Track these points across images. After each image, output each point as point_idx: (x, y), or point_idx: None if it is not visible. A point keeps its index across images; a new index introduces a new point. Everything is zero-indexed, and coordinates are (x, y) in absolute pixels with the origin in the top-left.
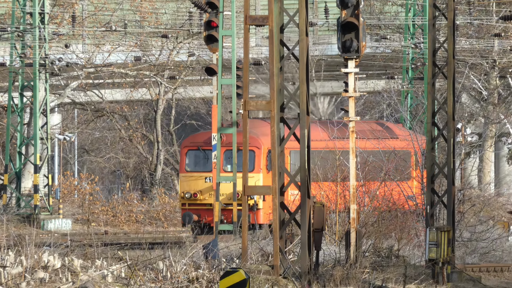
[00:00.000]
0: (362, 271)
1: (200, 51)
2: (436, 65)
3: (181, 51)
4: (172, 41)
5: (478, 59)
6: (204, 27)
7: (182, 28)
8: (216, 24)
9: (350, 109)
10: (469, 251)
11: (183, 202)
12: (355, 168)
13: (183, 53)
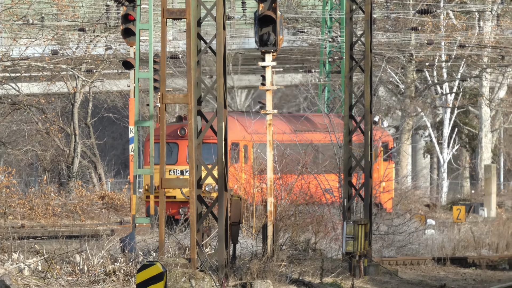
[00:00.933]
0: (279, 264)
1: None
2: (354, 58)
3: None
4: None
5: (395, 52)
6: (121, 21)
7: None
8: (133, 17)
9: (268, 102)
10: (386, 244)
11: (147, 194)
12: (272, 161)
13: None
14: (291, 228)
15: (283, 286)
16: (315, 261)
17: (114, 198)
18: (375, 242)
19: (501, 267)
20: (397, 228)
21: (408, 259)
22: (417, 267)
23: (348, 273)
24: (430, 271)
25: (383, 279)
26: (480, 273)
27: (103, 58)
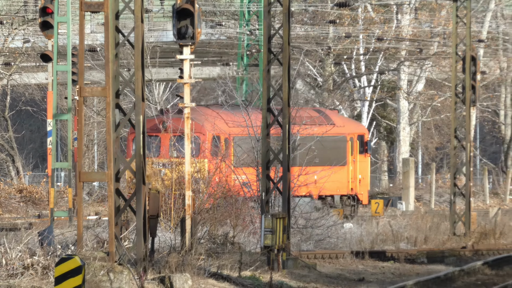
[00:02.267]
0: (198, 258)
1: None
2: (272, 51)
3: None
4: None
5: (313, 45)
6: (40, 14)
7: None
8: (51, 10)
9: (185, 96)
10: (304, 238)
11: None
12: (190, 154)
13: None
14: (209, 222)
15: (201, 280)
16: (234, 255)
17: (32, 191)
18: (293, 236)
19: (419, 261)
20: (315, 222)
21: (327, 252)
22: (336, 260)
23: (266, 266)
24: (348, 265)
25: (302, 272)
26: (398, 266)
27: (21, 51)
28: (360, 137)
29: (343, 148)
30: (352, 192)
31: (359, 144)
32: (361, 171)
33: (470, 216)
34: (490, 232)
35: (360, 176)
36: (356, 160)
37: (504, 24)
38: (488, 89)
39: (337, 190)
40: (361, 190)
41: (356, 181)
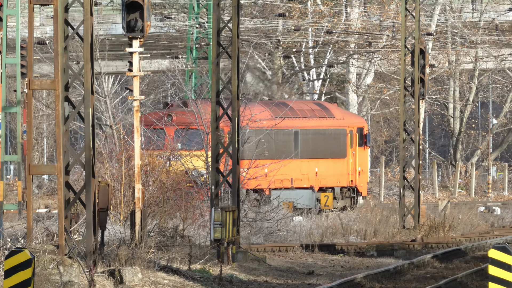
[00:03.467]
0: (147, 251)
1: None
2: (221, 44)
3: None
4: None
5: (262, 39)
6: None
7: None
8: (0, 3)
9: (135, 88)
10: (254, 231)
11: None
12: (139, 147)
13: None
14: (159, 215)
15: (151, 273)
16: (184, 248)
17: None
18: (243, 229)
19: (369, 254)
20: (265, 215)
21: (276, 246)
22: (286, 254)
23: (216, 259)
24: (298, 258)
25: (252, 265)
26: (348, 259)
27: None
28: (359, 130)
29: (343, 140)
30: (352, 184)
31: (358, 136)
32: (361, 163)
33: (419, 209)
34: (439, 225)
35: (360, 168)
36: (355, 153)
37: (453, 18)
38: (437, 82)
39: (337, 182)
40: (361, 182)
41: (356, 173)
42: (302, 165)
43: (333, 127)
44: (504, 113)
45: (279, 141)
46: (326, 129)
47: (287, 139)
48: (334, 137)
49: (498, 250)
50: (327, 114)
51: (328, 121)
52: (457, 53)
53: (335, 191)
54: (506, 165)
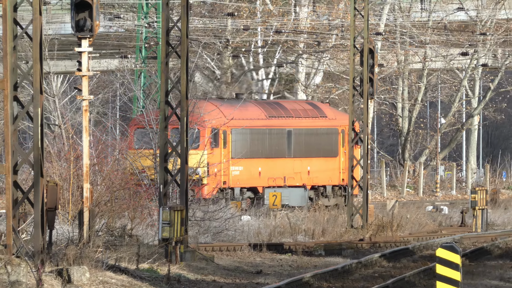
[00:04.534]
0: (96, 250)
1: None
2: (170, 44)
3: None
4: None
5: (211, 38)
6: None
7: None
8: None
9: (84, 88)
10: (202, 231)
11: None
12: (88, 147)
13: None
14: (107, 214)
15: (99, 272)
16: (132, 247)
17: None
18: (191, 228)
19: (317, 253)
20: (213, 214)
21: (225, 245)
22: (234, 253)
23: (164, 259)
24: (246, 257)
25: (200, 265)
26: (296, 259)
27: None
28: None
29: (335, 139)
30: (344, 183)
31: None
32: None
33: (367, 209)
34: (387, 225)
35: None
36: (347, 152)
37: (402, 17)
38: (385, 82)
39: (329, 180)
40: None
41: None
42: (295, 163)
43: (325, 126)
44: (452, 113)
45: (273, 140)
46: (318, 128)
47: (280, 138)
48: (326, 136)
49: (446, 249)
50: (320, 113)
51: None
52: (406, 53)
53: (326, 189)
54: (454, 165)
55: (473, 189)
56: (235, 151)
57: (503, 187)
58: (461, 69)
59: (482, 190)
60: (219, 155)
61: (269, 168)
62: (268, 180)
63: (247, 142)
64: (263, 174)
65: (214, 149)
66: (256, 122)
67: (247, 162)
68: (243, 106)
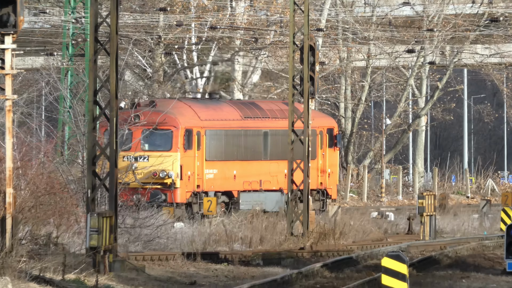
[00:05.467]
0: (19, 260)
1: None
2: (99, 41)
3: None
4: None
5: (142, 34)
6: None
7: None
8: None
9: (7, 87)
10: (132, 239)
11: None
12: (11, 149)
13: None
14: (31, 221)
15: (22, 283)
16: (57, 257)
17: None
18: (121, 236)
19: (255, 263)
20: (144, 221)
21: (156, 254)
22: (166, 262)
23: (92, 269)
24: (179, 267)
25: (130, 275)
26: (232, 269)
27: None
28: (329, 131)
29: (313, 141)
30: (322, 187)
31: (328, 137)
32: (330, 165)
33: (308, 215)
34: (330, 232)
35: (330, 170)
36: (325, 154)
37: (344, 12)
38: (327, 81)
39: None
40: (331, 185)
41: (325, 175)
42: (271, 166)
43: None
44: (398, 113)
45: (249, 142)
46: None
47: (256, 140)
48: None
49: (392, 258)
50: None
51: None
52: (349, 50)
53: None
54: (400, 168)
55: (421, 194)
56: (210, 153)
57: (452, 192)
58: (407, 67)
59: (430, 195)
60: (193, 158)
61: (245, 171)
62: (244, 184)
63: (222, 144)
64: (238, 178)
65: (187, 151)
66: (231, 123)
67: (222, 165)
68: (217, 106)
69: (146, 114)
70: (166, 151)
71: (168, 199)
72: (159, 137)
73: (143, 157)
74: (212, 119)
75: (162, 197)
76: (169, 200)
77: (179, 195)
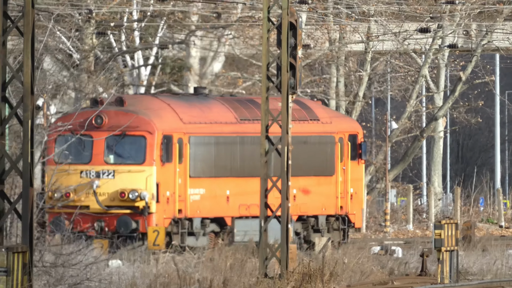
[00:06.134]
0: None
1: None
2: (9, 16)
3: None
4: None
5: (67, 8)
6: None
7: None
8: None
9: None
10: (53, 281)
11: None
12: None
13: None
14: None
15: None
16: None
17: None
18: (38, 278)
19: None
20: (69, 258)
21: None
22: None
23: None
24: None
25: None
26: None
27: None
28: (352, 137)
29: (330, 151)
30: (342, 212)
31: (350, 146)
32: (353, 183)
33: (288, 250)
34: (317, 273)
35: (352, 190)
36: (347, 168)
37: None
38: (313, 70)
39: (323, 209)
40: (354, 209)
41: (346, 197)
42: None
43: (317, 133)
44: (407, 114)
45: (246, 152)
46: (307, 136)
47: (256, 150)
48: (318, 147)
49: None
50: (309, 115)
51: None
52: (342, 29)
53: (319, 221)
54: (410, 188)
55: (438, 223)
56: (195, 167)
57: (480, 220)
58: (420, 51)
59: (451, 223)
60: (173, 173)
61: (241, 192)
62: (240, 208)
63: (211, 154)
64: (232, 200)
65: (165, 164)
66: (223, 127)
67: (211, 183)
68: (205, 105)
69: (112, 115)
70: (137, 165)
71: (140, 227)
72: (128, 146)
73: (107, 173)
74: (199, 122)
75: (132, 225)
76: (141, 229)
77: (155, 223)
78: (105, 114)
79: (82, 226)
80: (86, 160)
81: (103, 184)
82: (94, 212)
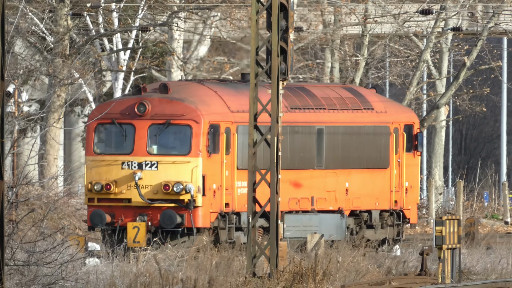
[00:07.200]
0: None
1: None
2: None
3: None
4: None
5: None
6: None
7: None
8: None
9: None
10: (26, 281)
11: (91, 196)
12: None
13: None
14: None
15: None
16: None
17: None
18: (9, 277)
19: None
20: (42, 256)
21: None
22: None
23: None
24: None
25: None
26: None
27: None
28: (407, 128)
29: (385, 143)
30: (396, 207)
31: (406, 137)
32: (409, 176)
33: (277, 248)
34: (309, 272)
35: (407, 183)
36: (402, 161)
37: None
38: (306, 55)
39: (376, 203)
40: (409, 204)
41: (401, 191)
42: (328, 178)
43: (371, 123)
44: (407, 102)
45: (297, 143)
46: (361, 126)
47: (307, 141)
48: (372, 138)
49: None
50: (363, 104)
51: (365, 115)
52: (337, 11)
53: (372, 216)
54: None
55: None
56: (243, 158)
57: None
58: (421, 35)
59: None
60: (220, 165)
61: (291, 185)
62: (290, 202)
63: None
64: (282, 193)
65: (212, 155)
66: None
67: None
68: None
69: (155, 103)
70: (182, 156)
71: (185, 222)
72: (173, 135)
73: (150, 164)
74: (247, 110)
75: (177, 220)
76: (187, 224)
77: (201, 218)
78: (148, 101)
79: (123, 220)
80: (128, 151)
81: (146, 176)
82: (136, 205)
